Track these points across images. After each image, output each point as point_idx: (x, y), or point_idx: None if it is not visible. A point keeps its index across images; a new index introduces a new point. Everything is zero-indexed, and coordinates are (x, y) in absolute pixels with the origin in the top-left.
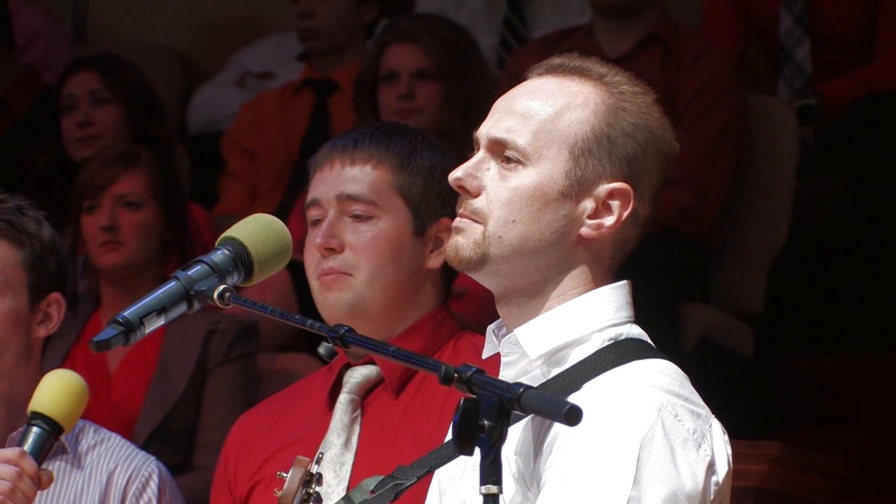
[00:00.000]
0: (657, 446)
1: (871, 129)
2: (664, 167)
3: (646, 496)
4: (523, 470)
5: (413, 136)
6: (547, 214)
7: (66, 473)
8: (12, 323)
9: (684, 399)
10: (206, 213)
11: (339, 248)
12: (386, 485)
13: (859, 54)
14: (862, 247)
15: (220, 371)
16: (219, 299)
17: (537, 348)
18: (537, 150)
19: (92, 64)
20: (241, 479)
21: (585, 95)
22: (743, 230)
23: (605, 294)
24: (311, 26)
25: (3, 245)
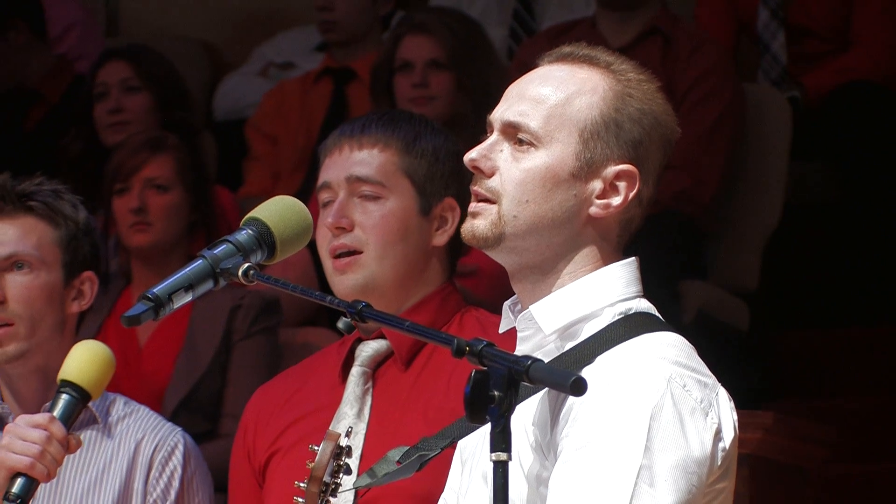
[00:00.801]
0: (667, 416)
1: (849, 116)
2: (667, 151)
3: (657, 463)
4: (540, 440)
5: (417, 121)
6: (558, 194)
7: (97, 442)
8: (47, 298)
9: (692, 370)
10: (231, 195)
11: (349, 227)
12: (411, 455)
13: (836, 43)
14: (848, 228)
15: (244, 344)
16: (243, 276)
17: (552, 324)
18: (549, 132)
19: (123, 54)
20: (260, 448)
21: (594, 82)
22: (738, 211)
23: (615, 270)
24: (330, 19)
25: (40, 225)
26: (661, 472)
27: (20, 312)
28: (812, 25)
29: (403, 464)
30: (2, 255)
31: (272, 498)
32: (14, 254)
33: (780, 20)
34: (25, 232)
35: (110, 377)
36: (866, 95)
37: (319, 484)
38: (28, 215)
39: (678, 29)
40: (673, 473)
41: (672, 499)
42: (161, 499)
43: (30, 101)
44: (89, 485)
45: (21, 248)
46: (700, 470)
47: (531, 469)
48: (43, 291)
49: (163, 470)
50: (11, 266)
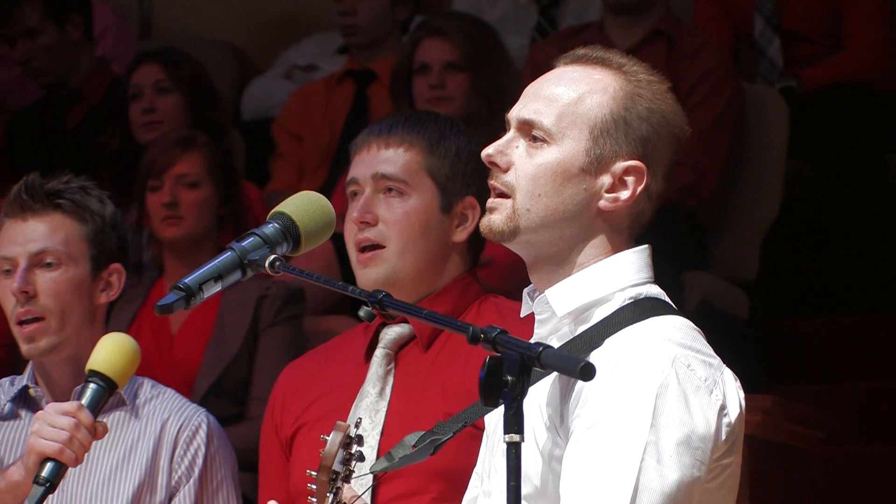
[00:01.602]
0: (671, 394)
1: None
2: (676, 148)
3: (663, 439)
4: (554, 419)
5: (442, 122)
6: (569, 188)
7: (125, 423)
8: (76, 291)
9: (696, 351)
10: (258, 190)
11: (373, 222)
12: (425, 440)
13: (829, 47)
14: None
15: (270, 332)
16: (269, 268)
17: (564, 307)
18: (561, 130)
19: (156, 57)
20: (287, 422)
21: (606, 82)
22: (738, 206)
23: (626, 257)
24: (352, 23)
25: (67, 221)
26: (667, 448)
27: (50, 306)
28: (805, 31)
29: (418, 448)
30: (32, 251)
31: (298, 469)
32: (43, 250)
33: (775, 27)
34: (54, 229)
35: (135, 367)
36: (852, 97)
37: (329, 472)
38: (56, 212)
39: (681, 31)
40: (678, 449)
41: (677, 474)
42: (185, 476)
43: (71, 102)
44: (117, 462)
45: (49, 245)
46: (704, 445)
47: (545, 447)
48: (71, 285)
49: (187, 448)
50: (41, 262)
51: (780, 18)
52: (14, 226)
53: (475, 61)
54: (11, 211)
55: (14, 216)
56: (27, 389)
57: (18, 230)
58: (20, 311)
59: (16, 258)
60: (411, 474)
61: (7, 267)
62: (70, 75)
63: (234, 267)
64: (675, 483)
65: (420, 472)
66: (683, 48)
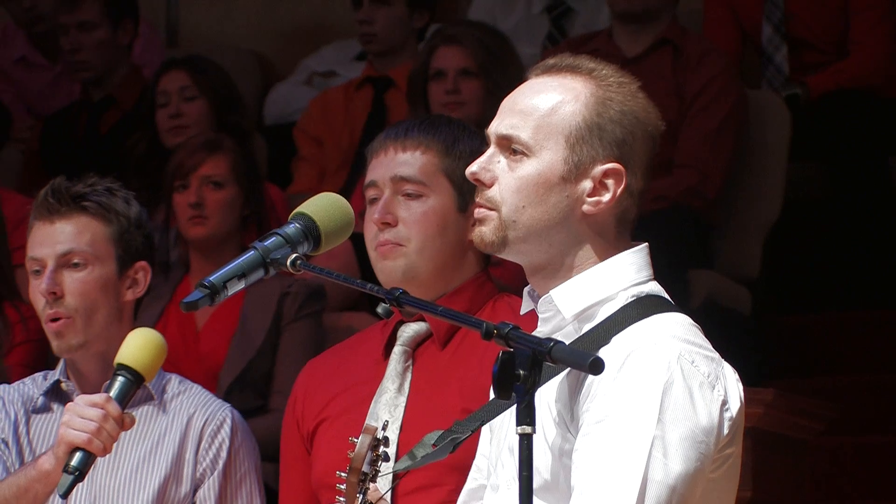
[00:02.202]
0: (677, 390)
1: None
2: (652, 144)
3: (668, 434)
4: (563, 415)
5: (455, 125)
6: (552, 197)
7: (153, 417)
8: (102, 290)
9: (699, 346)
10: (281, 191)
11: (393, 223)
12: (445, 439)
13: (834, 54)
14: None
15: (292, 327)
16: (291, 266)
17: (571, 308)
18: (538, 142)
19: (182, 64)
20: (308, 417)
21: (577, 90)
22: (741, 206)
23: (627, 257)
24: (370, 31)
25: (93, 223)
26: (673, 442)
27: (76, 306)
28: (812, 38)
29: (439, 446)
30: (59, 252)
31: (320, 462)
32: (70, 251)
33: (783, 35)
34: (80, 230)
35: (162, 361)
36: (856, 102)
37: (358, 474)
38: (82, 214)
39: (687, 39)
40: (683, 444)
41: (683, 466)
42: (210, 468)
43: (105, 107)
44: (145, 455)
45: (76, 246)
46: (708, 439)
47: (555, 442)
48: (98, 285)
49: (212, 442)
50: (68, 263)
51: (788, 26)
52: (42, 228)
53: (489, 68)
54: (39, 213)
55: (42, 218)
56: (59, 384)
57: (46, 232)
58: (49, 311)
59: (44, 259)
60: (428, 468)
61: (36, 267)
62: (107, 77)
63: (256, 265)
64: (680, 475)
65: (436, 465)
66: (689, 56)
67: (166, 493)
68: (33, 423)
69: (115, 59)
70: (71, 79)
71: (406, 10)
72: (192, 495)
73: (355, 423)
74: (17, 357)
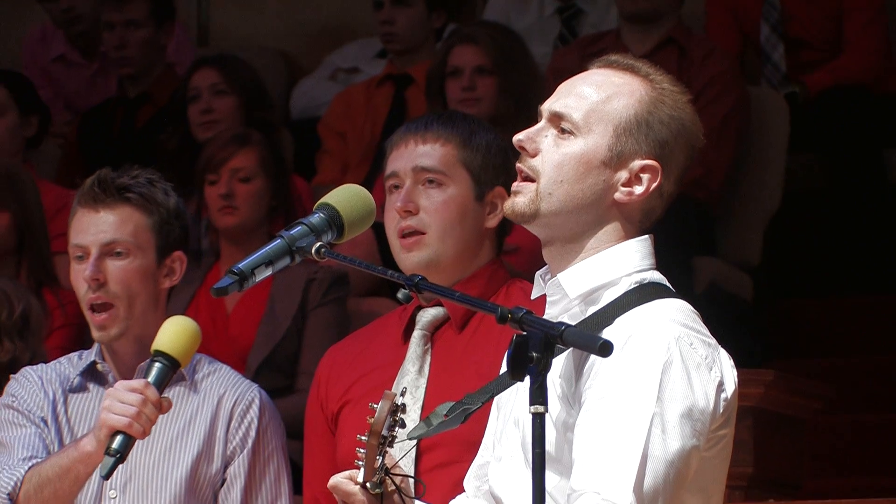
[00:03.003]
0: (675, 370)
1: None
2: (690, 154)
3: (667, 411)
4: (566, 391)
5: (471, 120)
6: (589, 178)
7: (185, 397)
8: (142, 277)
9: (697, 331)
10: (306, 183)
11: (415, 210)
12: (456, 410)
13: (829, 52)
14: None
15: (317, 312)
16: (316, 254)
17: (576, 289)
18: (588, 124)
19: (213, 62)
20: (332, 399)
21: (633, 87)
22: (743, 197)
23: (632, 245)
24: (391, 31)
25: (136, 214)
26: (671, 420)
27: (118, 293)
28: (808, 38)
29: (450, 417)
30: (103, 241)
31: (344, 442)
32: (113, 241)
33: (780, 34)
34: (123, 221)
35: (196, 347)
36: (852, 97)
37: (378, 437)
38: (126, 205)
39: (691, 39)
40: (680, 421)
41: (679, 443)
42: (240, 446)
43: (141, 103)
44: (177, 433)
45: (119, 236)
46: (704, 418)
47: (559, 417)
48: (138, 273)
49: (241, 421)
50: (111, 251)
51: (785, 26)
52: (86, 215)
53: (503, 66)
54: (84, 202)
55: (87, 206)
56: (95, 365)
57: (91, 220)
58: (91, 296)
59: (88, 246)
60: (449, 445)
61: (79, 253)
62: (144, 75)
63: (283, 253)
64: (677, 451)
65: (457, 442)
66: (693, 55)
67: (198, 471)
68: (71, 402)
69: (155, 59)
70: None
71: (425, 11)
72: (222, 472)
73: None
74: (56, 341)
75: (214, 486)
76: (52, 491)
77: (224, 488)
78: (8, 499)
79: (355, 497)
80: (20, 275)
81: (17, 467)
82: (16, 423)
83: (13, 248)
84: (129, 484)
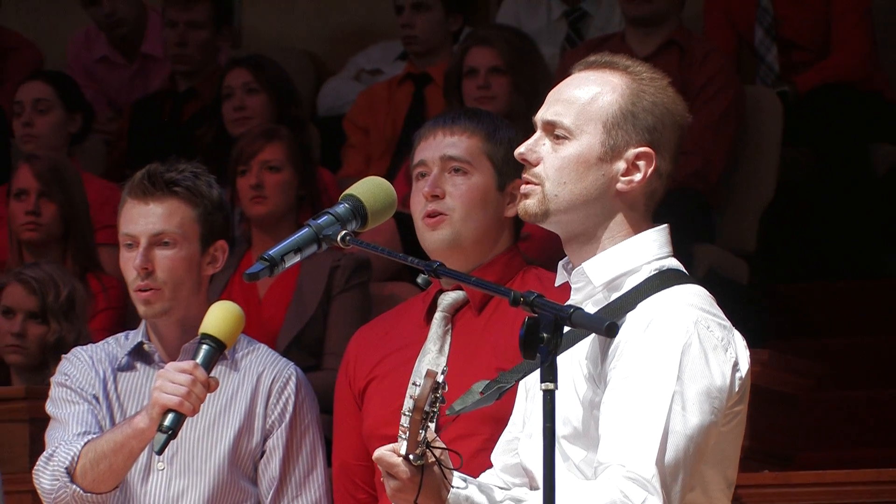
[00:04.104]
0: (694, 352)
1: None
2: (680, 132)
3: (687, 390)
4: (592, 372)
5: (495, 117)
6: (589, 176)
7: (226, 375)
8: (188, 266)
9: (713, 315)
10: (332, 175)
11: (441, 195)
12: (491, 388)
13: (819, 53)
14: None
15: (341, 296)
16: (341, 241)
17: (600, 277)
18: (579, 127)
19: (245, 62)
20: (359, 377)
21: (614, 83)
22: (739, 188)
23: (650, 235)
24: (411, 34)
25: (182, 206)
26: (691, 397)
27: (165, 280)
28: (799, 39)
29: (486, 394)
30: (152, 232)
31: (370, 416)
32: (161, 232)
33: (773, 37)
34: (171, 213)
35: (240, 330)
36: (840, 95)
37: (421, 413)
38: (173, 198)
39: (691, 41)
40: (699, 398)
41: (698, 419)
42: (278, 420)
43: (188, 98)
44: (220, 409)
45: (167, 227)
46: (721, 395)
47: (585, 395)
48: (184, 262)
49: (279, 396)
50: (159, 241)
51: (778, 29)
52: (136, 207)
53: (516, 66)
54: (135, 194)
55: (137, 198)
56: (142, 345)
57: (140, 211)
58: (140, 283)
59: (138, 236)
60: (466, 419)
61: (129, 242)
62: (196, 73)
63: (311, 241)
64: (696, 427)
65: (473, 416)
66: (693, 55)
67: (240, 444)
68: (120, 380)
69: (209, 59)
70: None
71: (443, 15)
72: (262, 444)
73: (402, 381)
74: (99, 323)
75: (255, 458)
76: (107, 465)
77: (263, 459)
78: (66, 472)
79: (399, 468)
80: (66, 261)
81: (74, 443)
82: (69, 401)
83: (59, 236)
84: (176, 457)
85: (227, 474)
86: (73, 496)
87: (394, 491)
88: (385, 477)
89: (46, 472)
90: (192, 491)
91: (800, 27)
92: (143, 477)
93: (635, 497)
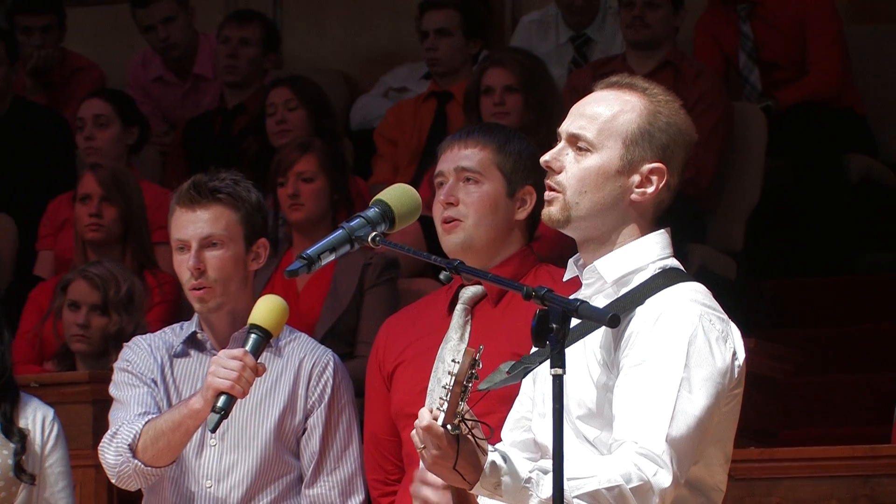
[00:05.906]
0: (699, 342)
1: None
2: (688, 150)
3: (693, 376)
4: (605, 359)
5: (507, 130)
6: (608, 186)
7: (270, 360)
8: (235, 263)
9: (714, 309)
10: (364, 182)
11: (455, 203)
12: (518, 367)
13: (797, 72)
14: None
15: (372, 291)
16: (372, 242)
17: (611, 275)
18: (601, 141)
19: (286, 82)
20: (388, 361)
21: (634, 103)
22: (728, 193)
23: (654, 237)
24: (435, 56)
25: (226, 210)
26: (697, 382)
27: (216, 278)
28: (778, 60)
29: (512, 374)
30: (201, 235)
31: (398, 396)
32: (210, 235)
33: (755, 60)
34: (216, 217)
35: (285, 321)
36: (816, 110)
37: (461, 386)
38: (218, 204)
39: (685, 62)
40: (704, 384)
41: (704, 401)
42: (318, 402)
43: (237, 113)
44: (265, 392)
45: (215, 231)
46: (723, 380)
47: (599, 379)
48: (232, 261)
49: (319, 380)
50: (208, 244)
51: (758, 52)
52: (185, 214)
53: (528, 85)
54: (182, 202)
55: (185, 206)
56: (195, 334)
57: (189, 218)
58: (194, 283)
59: (188, 241)
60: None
61: (180, 246)
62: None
63: (344, 241)
64: (702, 408)
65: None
66: (686, 75)
67: (284, 422)
68: (176, 366)
69: (256, 77)
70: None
71: (463, 39)
72: (303, 423)
73: (426, 365)
74: (155, 315)
75: (297, 435)
76: (165, 442)
77: (305, 436)
78: (129, 449)
79: (442, 437)
80: (125, 259)
81: (135, 422)
82: (130, 384)
83: (119, 236)
84: (227, 434)
85: (272, 449)
86: (135, 470)
87: (433, 459)
88: (425, 446)
89: (111, 449)
90: (241, 464)
91: (778, 50)
92: (198, 452)
93: (647, 470)
